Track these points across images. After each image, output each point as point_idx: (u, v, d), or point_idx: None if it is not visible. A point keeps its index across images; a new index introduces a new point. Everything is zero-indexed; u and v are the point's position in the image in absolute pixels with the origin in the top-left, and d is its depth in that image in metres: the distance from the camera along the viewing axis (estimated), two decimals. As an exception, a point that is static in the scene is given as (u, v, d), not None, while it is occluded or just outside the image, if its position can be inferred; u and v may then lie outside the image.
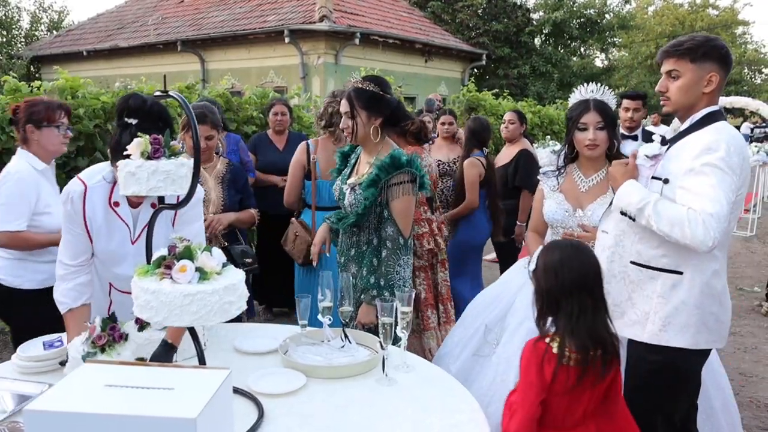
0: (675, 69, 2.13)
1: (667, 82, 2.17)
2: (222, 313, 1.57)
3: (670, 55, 2.15)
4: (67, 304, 2.15)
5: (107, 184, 2.16)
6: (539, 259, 1.91)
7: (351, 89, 2.70)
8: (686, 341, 2.10)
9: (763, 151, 10.30)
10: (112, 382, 1.27)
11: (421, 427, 1.73)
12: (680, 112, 2.19)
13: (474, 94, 9.74)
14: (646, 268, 2.15)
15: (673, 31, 32.85)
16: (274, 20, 14.54)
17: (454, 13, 23.02)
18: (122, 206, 2.19)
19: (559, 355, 1.76)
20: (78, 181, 2.16)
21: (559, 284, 1.82)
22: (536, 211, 2.84)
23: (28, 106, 2.70)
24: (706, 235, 1.91)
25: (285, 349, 2.20)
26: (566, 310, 1.80)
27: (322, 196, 3.68)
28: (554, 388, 1.76)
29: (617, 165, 2.23)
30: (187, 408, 1.17)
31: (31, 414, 1.20)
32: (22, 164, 2.68)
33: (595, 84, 2.65)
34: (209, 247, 1.64)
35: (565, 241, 1.98)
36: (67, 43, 18.73)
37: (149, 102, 2.01)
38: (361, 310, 2.60)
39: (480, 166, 4.56)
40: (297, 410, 1.81)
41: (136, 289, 1.58)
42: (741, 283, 6.61)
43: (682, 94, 2.13)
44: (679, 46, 2.12)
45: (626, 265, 2.19)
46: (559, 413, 1.80)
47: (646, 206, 2.02)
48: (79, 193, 2.13)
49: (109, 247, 2.21)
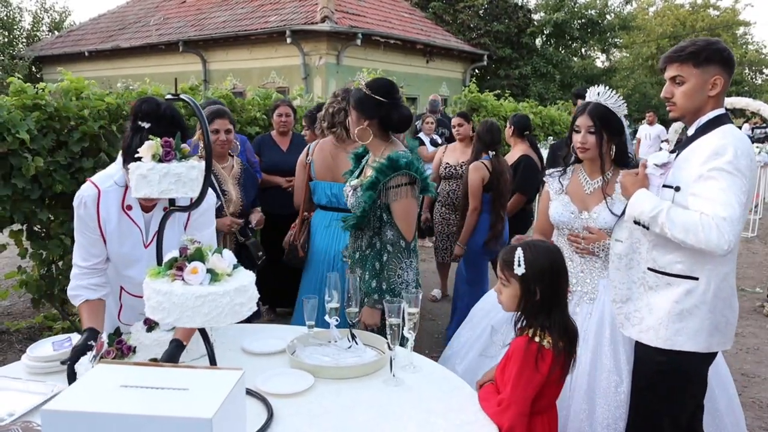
0: (679, 74, 2.14)
1: (671, 87, 2.18)
2: (233, 315, 1.59)
3: (672, 60, 2.15)
4: (83, 296, 2.17)
5: (120, 188, 2.18)
6: (528, 259, 1.91)
7: (353, 88, 2.82)
8: (699, 345, 2.12)
9: (764, 151, 10.30)
10: (127, 383, 1.28)
11: (428, 427, 1.75)
12: (687, 117, 2.20)
13: (475, 94, 9.74)
14: (663, 275, 2.16)
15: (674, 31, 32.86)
16: (276, 21, 14.55)
17: (455, 14, 23.02)
18: (135, 210, 2.21)
19: (555, 347, 1.84)
20: (91, 185, 2.17)
21: (555, 288, 1.91)
22: (542, 214, 2.85)
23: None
24: (720, 239, 1.93)
25: (292, 349, 2.22)
26: (557, 311, 1.90)
27: (319, 196, 3.63)
28: (551, 378, 1.86)
29: (627, 175, 2.25)
30: (202, 408, 1.18)
31: (47, 414, 1.21)
32: None
33: (604, 87, 2.64)
34: (220, 248, 1.66)
35: (540, 242, 2.02)
36: (69, 44, 18.74)
37: (163, 106, 2.03)
38: (363, 312, 2.61)
39: (484, 169, 4.54)
40: (305, 410, 1.83)
41: (148, 290, 1.60)
42: (743, 284, 6.61)
43: (687, 99, 2.15)
44: (682, 52, 2.13)
45: (645, 272, 2.21)
46: (551, 398, 1.92)
47: (659, 214, 2.04)
48: (93, 197, 2.14)
49: (121, 250, 2.22)
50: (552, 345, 1.85)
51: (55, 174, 4.09)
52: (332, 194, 3.51)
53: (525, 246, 1.96)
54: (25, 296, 5.28)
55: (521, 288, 1.92)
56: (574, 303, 2.63)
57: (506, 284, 1.97)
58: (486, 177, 4.52)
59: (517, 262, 1.91)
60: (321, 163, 3.58)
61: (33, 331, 4.92)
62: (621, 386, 2.40)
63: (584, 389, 2.44)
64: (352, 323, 2.33)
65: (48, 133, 4.11)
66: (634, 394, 2.31)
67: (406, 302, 2.05)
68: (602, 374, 2.44)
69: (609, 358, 2.45)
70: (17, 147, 3.90)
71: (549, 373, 1.83)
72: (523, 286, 1.92)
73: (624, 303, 2.31)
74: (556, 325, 1.88)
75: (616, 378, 2.42)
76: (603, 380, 2.44)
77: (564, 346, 1.87)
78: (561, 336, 1.88)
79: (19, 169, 3.96)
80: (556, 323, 1.88)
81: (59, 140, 4.18)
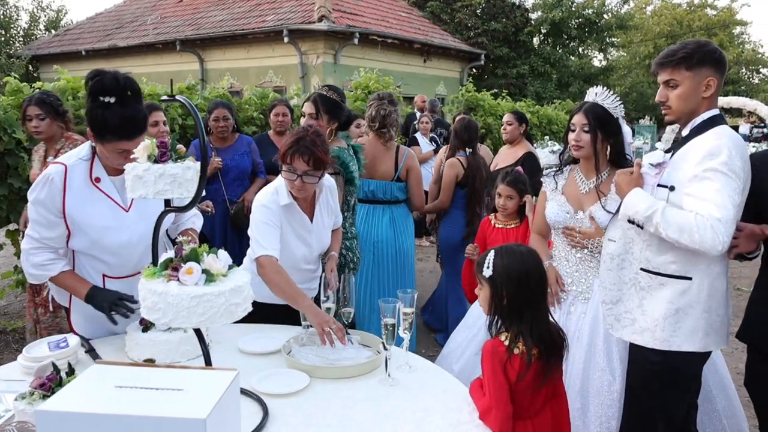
0: (672, 78, 2.16)
1: (666, 91, 2.20)
2: (228, 315, 1.59)
3: (665, 65, 2.17)
4: (55, 267, 2.22)
5: (85, 162, 2.19)
6: (497, 264, 1.92)
7: (317, 94, 3.32)
8: (695, 345, 2.13)
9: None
10: (121, 383, 1.28)
11: (424, 426, 1.75)
12: (682, 119, 2.21)
13: (473, 94, 9.74)
14: (656, 275, 2.17)
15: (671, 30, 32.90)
16: (273, 20, 14.54)
17: (452, 13, 23.03)
18: (104, 181, 2.21)
19: (526, 354, 1.83)
20: (56, 164, 2.18)
21: (523, 293, 1.89)
22: (539, 214, 2.86)
23: None
24: (715, 240, 1.94)
25: (288, 349, 2.22)
26: (527, 317, 1.88)
27: (363, 191, 3.94)
28: (519, 386, 1.84)
29: (622, 174, 2.26)
30: (196, 408, 1.18)
31: (42, 414, 1.21)
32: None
33: (602, 88, 2.65)
34: (215, 249, 1.66)
35: (517, 247, 2.01)
36: (66, 43, 18.70)
37: (122, 79, 2.04)
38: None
39: (459, 166, 4.57)
40: (301, 410, 1.83)
41: (143, 291, 1.60)
42: (738, 283, 6.63)
43: (682, 102, 2.16)
44: (673, 56, 2.14)
45: (637, 272, 2.21)
46: (524, 405, 1.88)
47: (654, 214, 2.05)
48: (60, 173, 2.13)
49: (100, 222, 2.20)
50: (523, 352, 1.84)
51: (52, 174, 4.08)
52: (370, 190, 3.97)
53: (498, 249, 1.97)
54: (22, 296, 5.28)
55: (490, 291, 1.93)
56: (568, 302, 2.65)
57: (480, 286, 1.98)
58: (460, 174, 4.55)
59: (486, 264, 1.93)
60: (372, 161, 3.86)
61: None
62: (614, 385, 2.42)
63: (577, 388, 2.45)
64: (348, 323, 2.33)
65: (44, 133, 4.10)
66: (628, 394, 2.31)
67: (402, 302, 2.06)
68: (595, 373, 2.46)
69: (602, 357, 2.46)
70: (13, 147, 3.91)
71: (516, 379, 1.82)
72: (492, 289, 1.92)
73: (614, 304, 2.30)
74: (530, 332, 1.86)
75: (609, 377, 2.43)
76: (596, 379, 2.45)
77: (540, 355, 1.86)
78: (537, 343, 1.86)
79: (16, 168, 3.96)
80: (529, 330, 1.86)
81: (56, 140, 4.17)
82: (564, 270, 2.69)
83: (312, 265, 2.68)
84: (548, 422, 1.94)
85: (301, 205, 2.55)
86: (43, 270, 2.22)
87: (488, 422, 1.78)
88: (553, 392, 1.97)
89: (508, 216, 3.63)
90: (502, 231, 3.62)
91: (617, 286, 2.28)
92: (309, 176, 2.42)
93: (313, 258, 2.67)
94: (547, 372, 1.87)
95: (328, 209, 2.69)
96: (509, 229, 3.61)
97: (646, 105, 27.74)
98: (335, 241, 2.79)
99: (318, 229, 2.63)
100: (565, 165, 2.79)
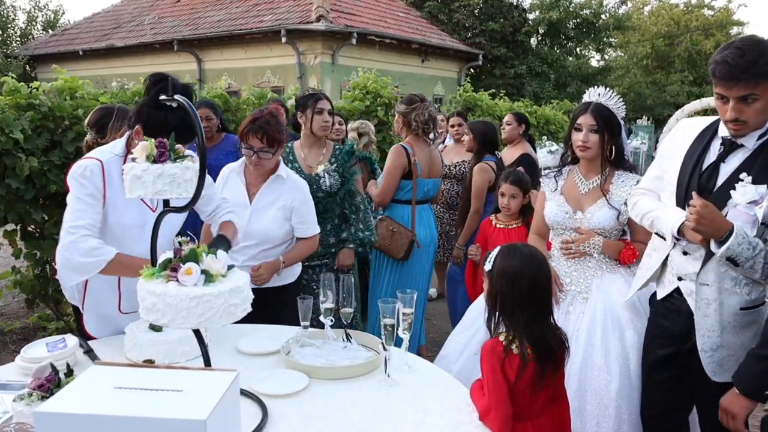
0: (753, 93, 1.91)
1: (741, 106, 1.95)
2: (227, 316, 1.59)
3: (740, 79, 1.90)
4: (111, 250, 2.11)
5: (119, 158, 2.21)
6: (497, 260, 1.95)
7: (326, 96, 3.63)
8: None
9: None
10: (121, 384, 1.28)
11: (423, 427, 1.75)
12: (748, 132, 2.02)
13: (470, 94, 9.74)
14: (751, 309, 2.03)
15: (669, 31, 32.93)
16: (271, 20, 14.54)
17: (450, 13, 23.03)
18: None
19: (521, 354, 1.84)
20: (91, 158, 2.18)
21: (515, 293, 1.90)
22: (538, 214, 2.86)
23: None
24: None
25: (287, 350, 2.22)
26: (521, 317, 1.89)
27: (418, 192, 4.00)
28: (518, 386, 1.84)
29: (707, 206, 1.97)
30: (196, 409, 1.18)
31: (41, 415, 1.21)
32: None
33: (603, 87, 2.64)
34: (214, 250, 1.66)
35: (524, 247, 2.01)
36: (63, 43, 18.67)
37: (187, 87, 2.10)
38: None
39: (490, 171, 4.45)
40: (300, 411, 1.83)
41: (142, 291, 1.60)
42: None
43: (759, 115, 1.96)
44: (753, 67, 1.87)
45: (737, 313, 2.05)
46: (524, 406, 1.88)
47: (760, 253, 1.91)
48: (98, 167, 2.15)
49: (124, 221, 2.21)
50: (518, 351, 1.84)
51: (50, 174, 4.08)
52: (427, 190, 4.05)
53: (505, 247, 1.99)
54: (19, 296, 5.26)
55: (488, 285, 1.97)
56: (567, 302, 2.65)
57: (484, 280, 2.02)
58: (492, 179, 4.42)
59: (489, 259, 1.97)
60: (424, 162, 4.01)
61: (27, 331, 4.91)
62: (611, 385, 2.41)
63: (575, 387, 2.45)
64: (347, 323, 2.33)
65: (42, 133, 4.10)
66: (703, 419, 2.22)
67: (402, 303, 2.05)
68: (593, 373, 2.45)
69: (600, 357, 2.46)
70: (11, 147, 3.89)
71: (515, 379, 1.82)
72: (489, 284, 1.96)
73: (715, 351, 2.09)
74: (524, 332, 1.86)
75: (606, 377, 2.43)
76: (593, 379, 2.45)
77: (535, 356, 1.85)
78: (533, 344, 1.86)
79: (13, 169, 3.94)
80: (522, 329, 1.87)
81: (53, 140, 4.17)
82: (562, 270, 2.69)
83: (250, 241, 2.86)
84: (548, 425, 1.93)
85: (248, 179, 2.90)
86: (96, 256, 2.08)
87: (488, 423, 1.78)
88: (554, 396, 1.97)
89: (510, 216, 3.67)
90: (504, 231, 3.65)
91: (717, 332, 2.08)
92: (264, 152, 2.75)
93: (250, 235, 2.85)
94: (543, 375, 1.86)
95: (285, 209, 2.87)
96: (510, 229, 3.64)
97: (644, 105, 27.78)
98: (297, 248, 2.96)
99: (257, 210, 2.87)
100: (564, 165, 2.79)
